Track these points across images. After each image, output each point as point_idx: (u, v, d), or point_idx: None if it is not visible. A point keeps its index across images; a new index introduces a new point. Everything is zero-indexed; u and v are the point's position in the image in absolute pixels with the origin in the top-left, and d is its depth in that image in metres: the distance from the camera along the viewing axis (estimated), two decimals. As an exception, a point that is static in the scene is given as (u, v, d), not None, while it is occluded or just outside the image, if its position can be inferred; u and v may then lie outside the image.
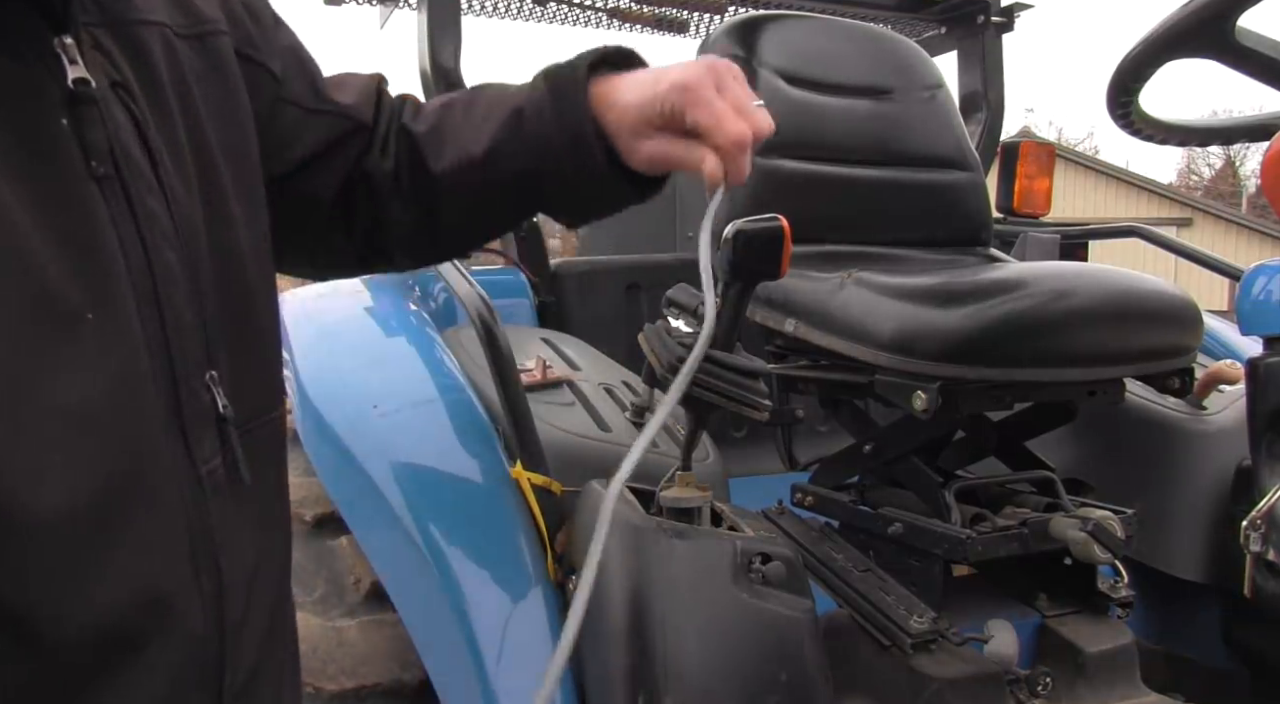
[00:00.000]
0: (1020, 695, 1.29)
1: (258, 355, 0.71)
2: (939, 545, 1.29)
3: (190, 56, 0.67)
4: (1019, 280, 1.26)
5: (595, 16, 2.42)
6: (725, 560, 1.10)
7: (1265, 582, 1.17)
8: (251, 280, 0.70)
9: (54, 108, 0.53)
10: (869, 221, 1.72)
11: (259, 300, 0.71)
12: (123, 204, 0.56)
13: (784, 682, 1.07)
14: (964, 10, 2.36)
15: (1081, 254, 2.25)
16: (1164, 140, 1.29)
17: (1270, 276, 1.21)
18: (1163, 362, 1.34)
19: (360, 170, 0.88)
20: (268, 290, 0.73)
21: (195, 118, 0.66)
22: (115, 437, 0.54)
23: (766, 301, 1.51)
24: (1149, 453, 1.60)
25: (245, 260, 0.70)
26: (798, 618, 1.10)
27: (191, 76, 0.67)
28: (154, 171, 0.60)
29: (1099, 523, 1.25)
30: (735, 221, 1.16)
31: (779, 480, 1.61)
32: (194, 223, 0.63)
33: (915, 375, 1.24)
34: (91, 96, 0.55)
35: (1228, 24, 1.09)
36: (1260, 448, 1.22)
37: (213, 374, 0.63)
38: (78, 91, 0.54)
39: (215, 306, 0.64)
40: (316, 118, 0.84)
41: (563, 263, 2.23)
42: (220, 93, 0.70)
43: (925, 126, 1.82)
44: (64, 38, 0.54)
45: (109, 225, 0.55)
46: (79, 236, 0.53)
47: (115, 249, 0.55)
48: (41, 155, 0.52)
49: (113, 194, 0.56)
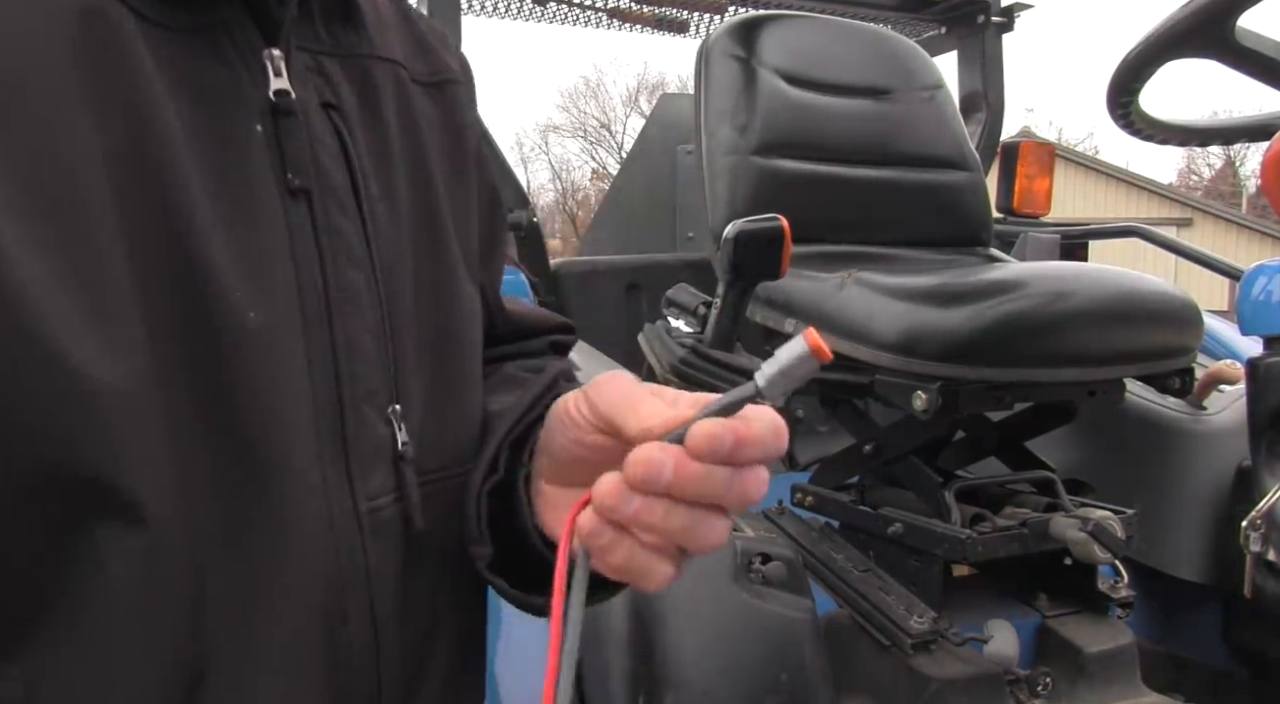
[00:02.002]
0: (1020, 695, 1.29)
1: (462, 409, 0.65)
2: (939, 545, 1.29)
3: (425, 102, 0.66)
4: (1019, 280, 1.26)
5: (595, 16, 2.42)
6: (725, 561, 1.10)
7: (1265, 582, 1.17)
8: (462, 332, 0.65)
9: (252, 115, 0.53)
10: (869, 221, 1.72)
11: (467, 355, 0.66)
12: (306, 218, 0.55)
13: (784, 682, 1.07)
14: (964, 10, 2.36)
15: (1081, 254, 2.25)
16: (1164, 140, 1.29)
17: (1270, 276, 1.21)
18: (1163, 362, 1.34)
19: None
20: (475, 354, 0.68)
21: (421, 155, 0.64)
22: (258, 451, 0.50)
23: (766, 302, 1.51)
24: (1149, 453, 1.60)
25: (460, 313, 0.65)
26: (798, 618, 1.10)
27: (423, 119, 0.65)
28: (353, 193, 0.58)
29: (1099, 523, 1.25)
30: (735, 221, 1.16)
31: (779, 480, 1.61)
32: (396, 252, 0.60)
33: (915, 375, 1.24)
34: (291, 108, 0.54)
35: (1228, 24, 1.09)
36: (1260, 448, 1.23)
37: (396, 408, 0.58)
38: (279, 102, 0.54)
39: (414, 343, 0.60)
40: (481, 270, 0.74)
41: (563, 263, 2.24)
42: (451, 141, 0.68)
43: (925, 126, 1.82)
44: (272, 50, 0.54)
45: (285, 235, 0.54)
46: (255, 241, 0.52)
47: (287, 260, 0.53)
48: (235, 160, 0.52)
49: (299, 207, 0.55)
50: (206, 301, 0.49)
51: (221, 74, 0.53)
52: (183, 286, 0.48)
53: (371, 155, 0.60)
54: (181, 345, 0.48)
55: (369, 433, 0.57)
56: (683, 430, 0.46)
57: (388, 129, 0.62)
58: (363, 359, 0.56)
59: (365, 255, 0.58)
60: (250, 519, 0.50)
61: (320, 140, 0.57)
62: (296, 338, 0.53)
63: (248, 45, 0.54)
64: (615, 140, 27.48)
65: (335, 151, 0.57)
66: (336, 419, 0.55)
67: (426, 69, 0.67)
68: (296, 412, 0.53)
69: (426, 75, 0.67)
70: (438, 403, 0.62)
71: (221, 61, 0.53)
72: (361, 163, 0.58)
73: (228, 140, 0.52)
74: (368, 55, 0.62)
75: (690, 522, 0.48)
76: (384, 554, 0.57)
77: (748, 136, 1.66)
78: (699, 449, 0.46)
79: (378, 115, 0.61)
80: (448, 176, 0.66)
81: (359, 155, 0.59)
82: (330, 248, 0.56)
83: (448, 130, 0.67)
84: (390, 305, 0.59)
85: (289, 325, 0.53)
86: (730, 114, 1.68)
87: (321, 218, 0.55)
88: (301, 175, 0.55)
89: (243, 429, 0.50)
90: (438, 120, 0.67)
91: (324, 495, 0.54)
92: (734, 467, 0.47)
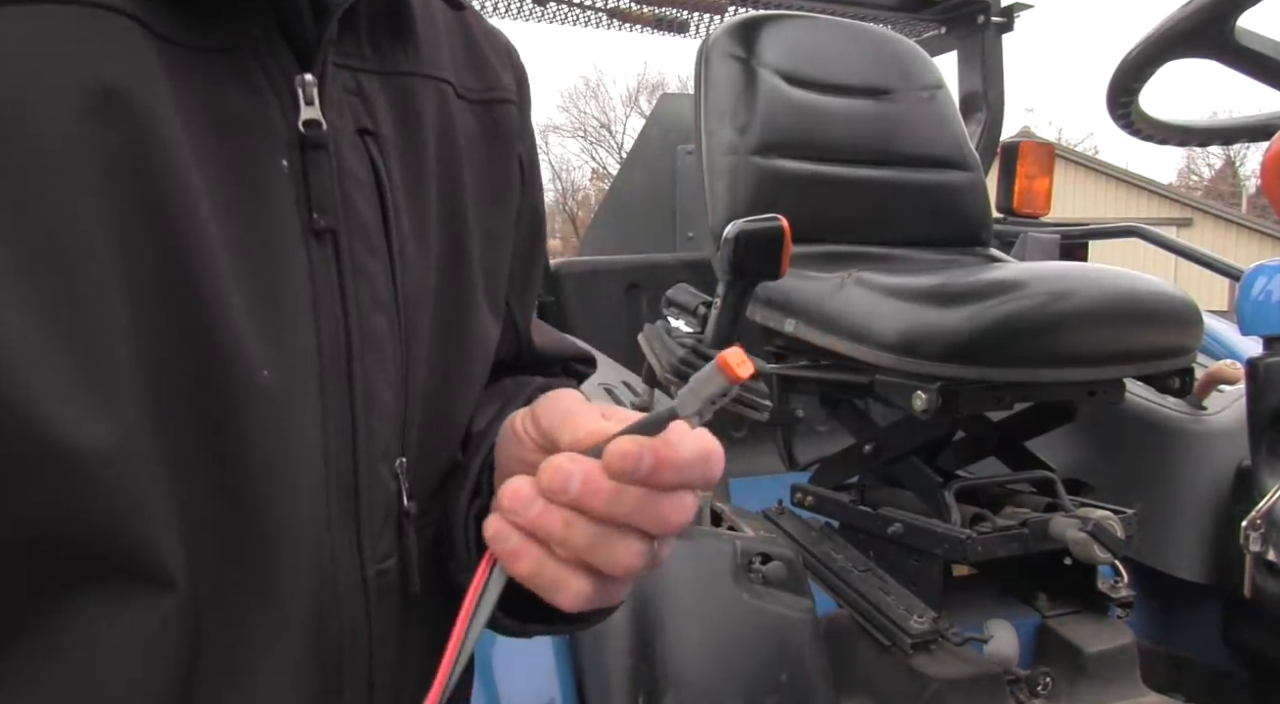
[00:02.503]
0: (1020, 695, 1.29)
1: (448, 449, 0.62)
2: (939, 545, 1.29)
3: (469, 120, 0.61)
4: (1019, 280, 1.26)
5: (595, 16, 2.42)
6: (725, 560, 1.10)
7: (1265, 582, 1.17)
8: (467, 374, 0.61)
9: (278, 148, 0.49)
10: (869, 221, 1.72)
11: (468, 397, 0.62)
12: (331, 260, 0.51)
13: (784, 682, 1.07)
14: (964, 10, 2.36)
15: (1081, 254, 2.25)
16: (1164, 140, 1.29)
17: (1270, 276, 1.21)
18: (1163, 362, 1.34)
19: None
20: (474, 397, 0.63)
21: (456, 181, 0.60)
22: (262, 517, 0.47)
23: (766, 302, 1.51)
24: (1149, 453, 1.60)
25: (471, 356, 0.61)
26: (798, 618, 1.10)
27: (464, 139, 0.61)
28: (383, 230, 0.53)
29: (1099, 523, 1.25)
30: (735, 222, 1.16)
31: (779, 480, 1.61)
32: (421, 291, 0.56)
33: (915, 375, 1.24)
34: (322, 140, 0.50)
35: (1228, 24, 1.09)
36: (1260, 448, 1.23)
37: (402, 461, 0.55)
38: (308, 134, 0.50)
39: (423, 386, 0.56)
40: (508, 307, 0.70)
41: (563, 263, 2.24)
42: (492, 164, 0.63)
43: (925, 127, 1.82)
44: (305, 75, 0.49)
45: (308, 282, 0.49)
46: (274, 289, 0.48)
47: (308, 312, 0.49)
48: (256, 197, 0.48)
49: (324, 249, 0.50)
50: (215, 358, 0.45)
51: (247, 102, 0.48)
52: (190, 342, 0.44)
53: (406, 185, 0.56)
54: (185, 406, 0.44)
55: (381, 492, 0.53)
56: (603, 446, 0.45)
57: (425, 154, 0.57)
58: (380, 414, 0.53)
59: (391, 298, 0.54)
60: (252, 588, 0.48)
61: (352, 173, 0.52)
62: (313, 395, 0.49)
63: (279, 69, 0.49)
64: (615, 140, 27.48)
65: (368, 184, 0.53)
66: (350, 481, 0.51)
67: (478, 84, 0.63)
68: (307, 475, 0.49)
69: (477, 91, 0.62)
70: (430, 447, 0.58)
71: (248, 87, 0.48)
72: (395, 197, 0.54)
73: (249, 175, 0.48)
74: (413, 73, 0.57)
75: (596, 539, 0.45)
76: (387, 618, 0.55)
77: (748, 136, 1.66)
78: (611, 466, 0.44)
79: (417, 139, 0.57)
80: (483, 201, 0.62)
81: (393, 189, 0.54)
82: (355, 292, 0.52)
83: (491, 152, 0.63)
84: (410, 350, 0.55)
85: (305, 382, 0.49)
86: (730, 114, 1.68)
87: (347, 260, 0.51)
88: (328, 215, 0.51)
89: (249, 495, 0.47)
90: (481, 140, 0.62)
91: (331, 564, 0.51)
92: (653, 488, 0.44)
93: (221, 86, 0.47)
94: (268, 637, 0.48)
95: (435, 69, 0.59)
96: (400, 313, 0.54)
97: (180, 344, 0.44)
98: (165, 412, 0.44)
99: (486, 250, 0.62)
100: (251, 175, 0.48)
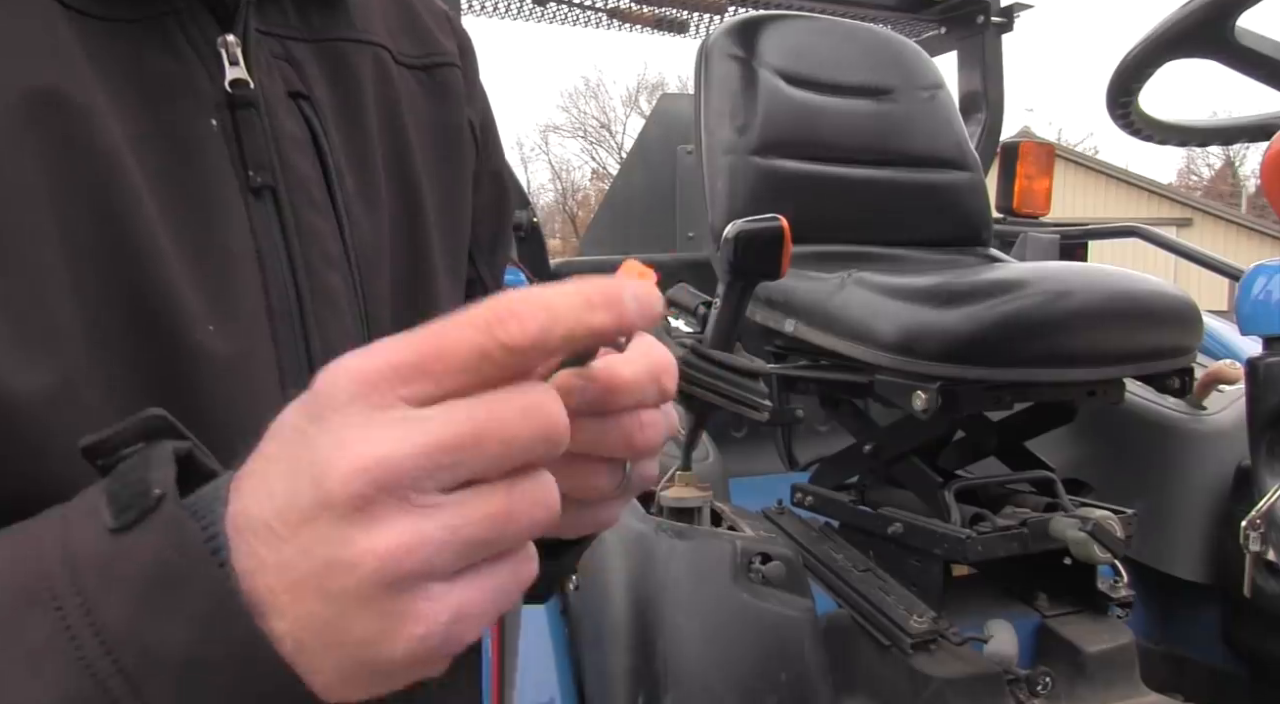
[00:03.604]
0: (1020, 695, 1.29)
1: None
2: (939, 545, 1.29)
3: (412, 87, 0.62)
4: (1019, 280, 1.26)
5: (595, 16, 2.42)
6: (725, 560, 1.10)
7: (1265, 582, 1.17)
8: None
9: (206, 109, 0.50)
10: (869, 221, 1.72)
11: None
12: (273, 217, 0.51)
13: (784, 681, 1.07)
14: (964, 10, 2.36)
15: (1081, 254, 2.25)
16: (1164, 140, 1.29)
17: (1270, 276, 1.21)
18: (1162, 362, 1.34)
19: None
20: None
21: (403, 146, 0.60)
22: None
23: (766, 302, 1.51)
24: (1149, 453, 1.60)
25: (433, 314, 0.60)
26: (798, 618, 1.10)
27: (408, 105, 0.61)
28: (326, 189, 0.54)
29: (1099, 523, 1.26)
30: (735, 222, 1.16)
31: (779, 480, 1.61)
32: (375, 253, 0.57)
33: (915, 375, 1.24)
34: (251, 99, 0.51)
35: (1228, 24, 1.09)
36: (1260, 448, 1.22)
37: None
38: (236, 93, 0.50)
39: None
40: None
41: (563, 263, 2.24)
42: (441, 130, 0.63)
43: (925, 126, 1.82)
44: (227, 36, 0.50)
45: (249, 237, 0.50)
46: (215, 246, 0.48)
47: (252, 263, 0.50)
48: (188, 158, 0.49)
49: (264, 205, 0.51)
50: (154, 313, 0.46)
51: (171, 67, 0.49)
52: (131, 303, 0.45)
53: (348, 149, 0.56)
54: (130, 362, 0.45)
55: None
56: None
57: (366, 119, 0.58)
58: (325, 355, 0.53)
59: (342, 254, 0.54)
60: None
61: (289, 135, 0.53)
62: (267, 349, 0.50)
63: (200, 34, 0.50)
64: (615, 140, 27.48)
65: (305, 144, 0.54)
66: None
67: (417, 50, 0.63)
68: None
69: (416, 57, 0.63)
70: None
71: (172, 53, 0.49)
72: (335, 157, 0.55)
73: (180, 138, 0.49)
74: (344, 38, 0.58)
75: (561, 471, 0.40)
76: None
77: (747, 136, 1.66)
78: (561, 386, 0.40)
79: (356, 104, 0.57)
80: (435, 166, 0.62)
81: (332, 148, 0.55)
82: (302, 249, 0.52)
83: (437, 115, 0.63)
84: (369, 309, 0.55)
85: (259, 343, 0.49)
86: (730, 114, 1.68)
87: (290, 216, 0.52)
88: (263, 172, 0.51)
89: (212, 453, 0.46)
90: (425, 104, 0.63)
91: None
92: (609, 414, 0.41)
93: (144, 56, 0.48)
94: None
95: (369, 35, 0.59)
96: (355, 271, 0.55)
97: (121, 302, 0.45)
98: (110, 367, 0.44)
99: (443, 214, 0.62)
100: (184, 138, 0.49)
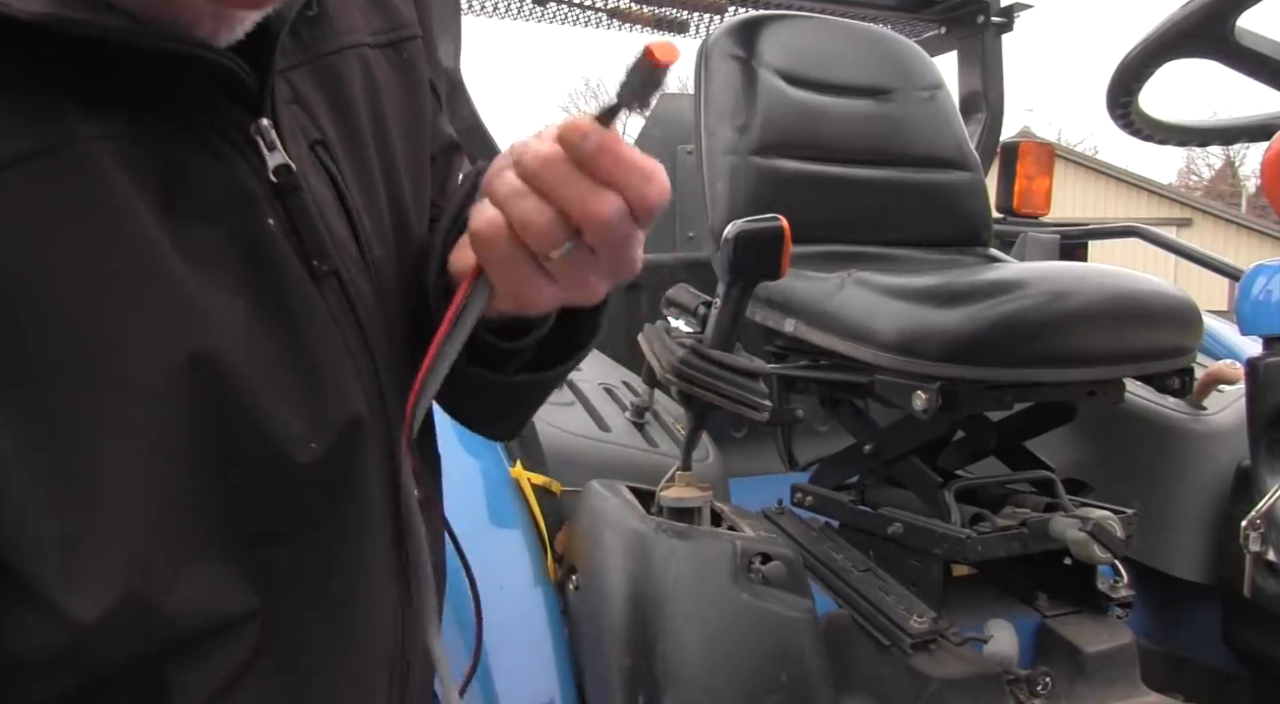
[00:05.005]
0: (1020, 695, 1.29)
1: (431, 432, 0.68)
2: (939, 545, 1.29)
3: (383, 67, 0.62)
4: (1019, 280, 1.26)
5: (595, 16, 2.42)
6: (725, 560, 1.10)
7: (1265, 582, 1.17)
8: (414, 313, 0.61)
9: (261, 207, 0.47)
10: (869, 221, 1.72)
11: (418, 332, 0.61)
12: (341, 298, 0.51)
13: (784, 682, 1.07)
14: (964, 10, 2.36)
15: (1081, 254, 2.24)
16: (1164, 140, 1.29)
17: (1270, 276, 1.21)
18: (1162, 361, 1.34)
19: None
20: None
21: (384, 131, 0.60)
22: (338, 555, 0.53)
23: (766, 302, 1.51)
24: (1149, 453, 1.60)
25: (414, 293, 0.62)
26: (798, 618, 1.10)
27: (385, 91, 0.61)
28: (356, 244, 0.54)
29: (1099, 523, 1.25)
30: (735, 222, 1.16)
31: (779, 480, 1.61)
32: (390, 284, 0.57)
33: (915, 375, 1.24)
34: (295, 185, 0.49)
35: (1228, 24, 1.09)
36: (1260, 448, 1.22)
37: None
38: (280, 183, 0.48)
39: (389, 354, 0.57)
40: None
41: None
42: (404, 97, 0.64)
43: (925, 127, 1.82)
44: (260, 121, 0.47)
45: (331, 324, 0.50)
46: (302, 353, 0.48)
47: (342, 355, 0.51)
48: (257, 264, 0.47)
49: (332, 290, 0.51)
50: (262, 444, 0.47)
51: (211, 166, 0.46)
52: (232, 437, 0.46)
53: (357, 181, 0.56)
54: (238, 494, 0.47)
55: (409, 498, 0.57)
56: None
57: (359, 124, 0.58)
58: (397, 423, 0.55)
59: (374, 303, 0.55)
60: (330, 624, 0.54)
61: (326, 201, 0.52)
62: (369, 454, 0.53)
63: (231, 122, 0.47)
64: (615, 140, 27.38)
65: (334, 202, 0.53)
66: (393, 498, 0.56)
67: (385, 26, 0.63)
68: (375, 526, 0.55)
69: (385, 34, 0.63)
70: (425, 435, 0.64)
71: (209, 152, 0.46)
72: (354, 202, 0.54)
73: (241, 242, 0.47)
74: (334, 51, 0.57)
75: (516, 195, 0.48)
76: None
77: (747, 136, 1.66)
78: (563, 133, 0.47)
79: (349, 114, 0.57)
80: (404, 135, 0.63)
81: (349, 187, 0.54)
82: (364, 316, 0.53)
83: (405, 89, 0.64)
84: (392, 347, 0.56)
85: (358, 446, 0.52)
86: (730, 114, 1.68)
87: (353, 291, 0.52)
88: (326, 259, 0.50)
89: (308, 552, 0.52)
90: (396, 83, 0.63)
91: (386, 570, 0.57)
92: (590, 174, 0.48)
93: (182, 163, 0.45)
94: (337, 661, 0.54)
95: (351, 37, 0.59)
96: (384, 313, 0.56)
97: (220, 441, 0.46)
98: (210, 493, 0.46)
99: (415, 181, 0.64)
100: (246, 243, 0.47)
